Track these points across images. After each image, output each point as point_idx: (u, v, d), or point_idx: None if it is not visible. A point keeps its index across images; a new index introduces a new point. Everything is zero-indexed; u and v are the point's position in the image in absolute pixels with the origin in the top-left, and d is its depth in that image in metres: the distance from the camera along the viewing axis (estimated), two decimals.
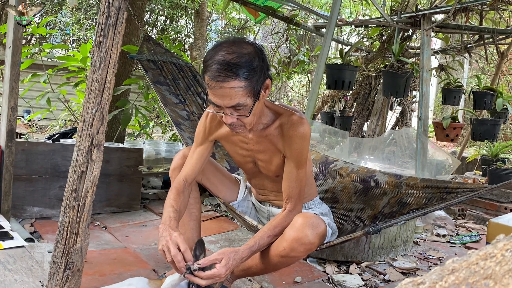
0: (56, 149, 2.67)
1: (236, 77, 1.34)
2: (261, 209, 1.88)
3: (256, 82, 1.39)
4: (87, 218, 1.12)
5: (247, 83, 1.36)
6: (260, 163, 1.66)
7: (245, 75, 1.35)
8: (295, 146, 1.54)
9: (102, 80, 1.13)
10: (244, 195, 1.92)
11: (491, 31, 3.46)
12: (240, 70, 1.34)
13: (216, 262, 1.39)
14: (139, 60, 2.71)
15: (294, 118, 1.54)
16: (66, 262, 1.10)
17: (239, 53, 1.37)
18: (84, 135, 1.12)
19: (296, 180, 1.57)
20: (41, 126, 5.96)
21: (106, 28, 1.13)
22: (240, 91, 1.36)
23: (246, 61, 1.36)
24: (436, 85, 6.77)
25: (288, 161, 1.58)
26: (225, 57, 1.35)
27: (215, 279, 1.38)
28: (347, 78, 3.34)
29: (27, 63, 3.49)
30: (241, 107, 1.40)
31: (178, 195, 1.59)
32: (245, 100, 1.38)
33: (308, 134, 1.55)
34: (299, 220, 1.48)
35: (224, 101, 1.38)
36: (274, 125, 1.57)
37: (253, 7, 3.69)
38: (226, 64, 1.34)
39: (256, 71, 1.38)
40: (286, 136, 1.54)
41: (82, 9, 7.41)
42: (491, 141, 3.67)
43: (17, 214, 2.54)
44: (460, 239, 2.87)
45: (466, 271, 0.48)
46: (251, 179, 1.82)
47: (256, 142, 1.61)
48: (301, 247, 1.47)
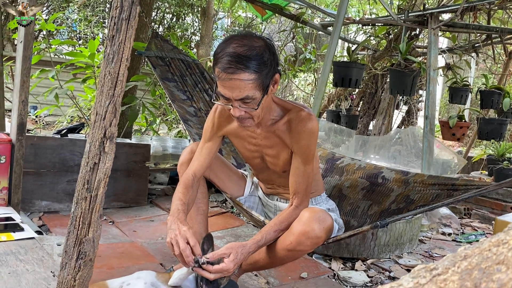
0: (65, 143, 2.70)
1: (246, 69, 1.36)
2: (268, 203, 1.89)
3: (266, 75, 1.41)
4: (99, 209, 1.14)
5: (257, 76, 1.38)
6: (268, 158, 1.67)
7: (255, 68, 1.37)
8: (303, 141, 1.55)
9: (115, 73, 1.14)
10: (251, 191, 1.94)
11: (499, 31, 3.45)
12: (250, 62, 1.36)
13: (224, 256, 1.41)
14: (147, 57, 2.73)
15: (302, 114, 1.55)
16: (78, 252, 1.12)
17: (250, 46, 1.38)
18: (97, 128, 1.14)
19: (303, 175, 1.58)
20: (48, 122, 6.00)
21: (119, 22, 1.15)
22: (250, 84, 1.38)
23: (257, 54, 1.38)
24: (443, 84, 6.76)
25: (296, 157, 1.59)
26: (236, 49, 1.37)
27: (223, 273, 1.40)
28: (354, 75, 3.34)
29: (35, 59, 3.50)
30: (249, 100, 1.41)
31: (186, 189, 1.61)
32: (254, 93, 1.40)
33: (317, 130, 1.56)
34: (306, 214, 1.50)
35: (233, 93, 1.40)
36: (282, 121, 1.58)
37: (260, 5, 3.69)
38: (237, 56, 1.36)
39: (266, 65, 1.40)
40: (294, 131, 1.55)
41: (89, 6, 7.45)
42: (497, 141, 3.67)
43: (26, 207, 2.57)
44: (465, 238, 2.88)
45: (478, 257, 0.49)
46: (259, 174, 1.83)
47: (265, 137, 1.62)
48: (308, 241, 1.48)
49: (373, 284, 2.11)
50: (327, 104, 5.09)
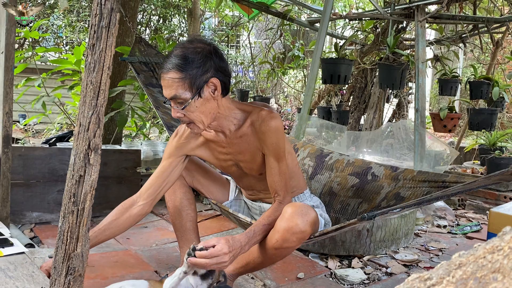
0: (53, 153, 2.66)
1: (172, 69, 1.44)
2: (253, 206, 1.88)
3: (194, 76, 1.43)
4: (87, 223, 1.11)
5: (182, 75, 1.43)
6: (243, 164, 1.67)
7: (180, 67, 1.43)
8: (270, 140, 1.55)
9: (97, 82, 1.12)
10: (235, 195, 1.92)
11: (485, 20, 3.46)
12: (177, 62, 1.43)
13: (216, 244, 1.39)
14: (131, 62, 2.69)
15: (263, 113, 1.55)
16: (67, 268, 1.09)
17: (186, 47, 1.46)
18: (81, 139, 1.11)
19: (279, 173, 1.58)
20: (37, 130, 5.94)
21: (99, 30, 1.12)
22: (176, 83, 1.43)
23: (186, 54, 1.44)
24: (432, 76, 6.77)
25: (268, 157, 1.59)
26: (173, 51, 1.46)
27: (220, 258, 1.37)
28: (342, 72, 3.33)
29: (20, 68, 3.46)
30: (180, 100, 1.45)
31: (116, 212, 1.70)
32: (182, 92, 1.44)
33: (281, 127, 1.56)
34: (288, 210, 1.49)
35: (166, 91, 1.46)
36: (246, 124, 1.58)
37: (246, 3, 3.67)
38: (168, 56, 1.46)
39: (193, 65, 1.43)
40: (259, 132, 1.55)
41: (74, 11, 7.37)
42: (488, 130, 3.67)
43: (16, 220, 2.53)
44: (461, 229, 2.88)
45: (473, 265, 0.48)
46: (239, 182, 1.84)
47: (233, 144, 1.62)
48: (293, 237, 1.46)
49: (370, 281, 2.10)
50: (317, 101, 5.08)
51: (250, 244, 1.50)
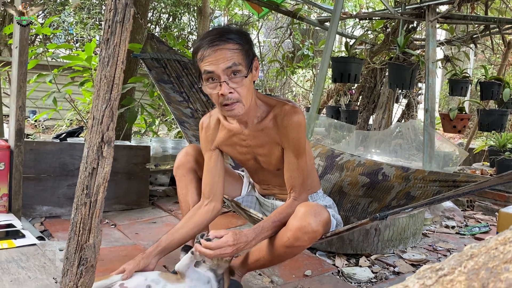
0: (64, 148, 2.69)
1: (230, 40, 1.44)
2: (265, 203, 1.89)
3: (248, 51, 1.47)
4: (99, 214, 1.13)
5: (240, 46, 1.45)
6: (261, 158, 1.67)
7: (238, 40, 1.45)
8: (291, 135, 1.55)
9: (111, 76, 1.13)
10: (248, 190, 1.93)
11: (496, 21, 3.43)
12: (233, 35, 1.45)
13: (224, 235, 1.44)
14: (143, 59, 2.71)
15: (287, 108, 1.55)
16: (79, 258, 1.11)
17: (228, 27, 1.50)
18: (94, 132, 1.12)
19: (298, 169, 1.58)
20: (47, 126, 5.99)
21: (113, 24, 1.13)
22: (236, 52, 1.44)
23: (237, 30, 1.48)
24: (442, 77, 6.73)
25: (287, 152, 1.59)
26: (215, 30, 1.48)
27: (223, 249, 1.40)
28: (353, 71, 3.33)
29: (32, 64, 3.50)
30: (237, 71, 1.44)
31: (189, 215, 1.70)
32: (240, 61, 1.44)
33: (303, 122, 1.56)
34: (302, 209, 1.49)
35: (220, 64, 1.43)
36: (268, 118, 1.58)
37: (256, 2, 3.68)
38: (218, 33, 1.45)
39: (247, 40, 1.48)
40: (281, 126, 1.55)
41: (85, 9, 7.43)
42: (498, 132, 3.65)
43: (27, 213, 2.56)
44: (469, 230, 2.87)
45: (485, 256, 0.48)
46: (254, 176, 1.84)
47: (254, 137, 1.62)
48: (305, 236, 1.46)
49: (377, 279, 2.10)
50: (326, 100, 5.07)
51: (258, 239, 1.51)
